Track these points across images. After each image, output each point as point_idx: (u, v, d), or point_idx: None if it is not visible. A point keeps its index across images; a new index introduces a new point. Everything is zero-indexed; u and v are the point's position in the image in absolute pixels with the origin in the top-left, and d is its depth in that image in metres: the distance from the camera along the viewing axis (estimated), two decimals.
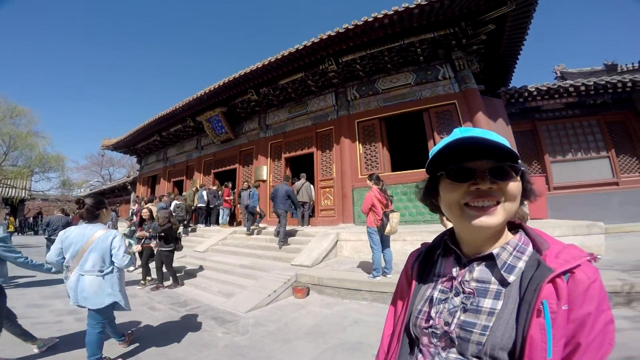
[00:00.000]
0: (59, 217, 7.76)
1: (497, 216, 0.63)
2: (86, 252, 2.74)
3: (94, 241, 2.76)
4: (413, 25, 7.37)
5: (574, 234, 5.46)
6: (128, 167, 35.36)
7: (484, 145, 0.62)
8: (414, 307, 0.76)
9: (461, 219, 0.67)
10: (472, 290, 0.67)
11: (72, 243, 2.76)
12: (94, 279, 2.73)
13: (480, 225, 0.64)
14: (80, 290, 2.70)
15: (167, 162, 16.43)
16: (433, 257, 0.80)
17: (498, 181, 0.63)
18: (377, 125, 8.87)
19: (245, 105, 11.61)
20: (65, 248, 2.77)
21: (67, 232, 2.82)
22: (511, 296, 0.62)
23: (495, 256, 0.66)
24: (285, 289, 5.21)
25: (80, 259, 2.73)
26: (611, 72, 11.26)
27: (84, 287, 2.70)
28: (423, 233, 6.05)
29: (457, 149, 0.64)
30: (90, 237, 2.77)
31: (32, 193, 26.68)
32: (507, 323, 0.60)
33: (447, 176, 0.68)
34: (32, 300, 5.11)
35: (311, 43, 8.03)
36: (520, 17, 7.10)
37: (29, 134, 18.82)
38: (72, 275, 2.73)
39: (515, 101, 9.11)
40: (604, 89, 8.36)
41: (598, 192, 8.43)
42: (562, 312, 0.56)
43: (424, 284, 0.78)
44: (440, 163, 0.69)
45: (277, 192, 7.55)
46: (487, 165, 0.64)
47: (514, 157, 0.63)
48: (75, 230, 2.82)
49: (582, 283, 0.57)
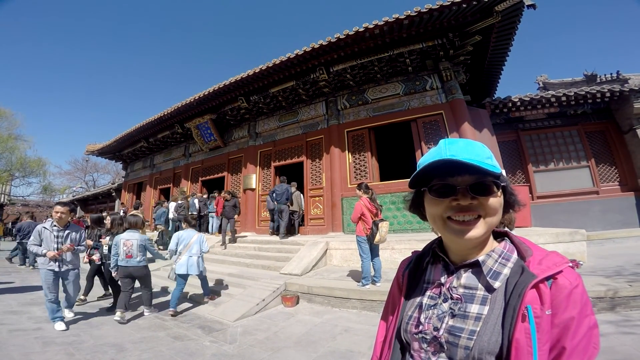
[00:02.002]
0: (29, 223, 8.20)
1: (478, 229, 0.66)
2: (192, 245, 5.06)
3: (195, 239, 5.14)
4: (402, 36, 7.54)
5: (557, 242, 5.59)
6: (113, 173, 34.58)
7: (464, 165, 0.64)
8: (405, 313, 0.78)
9: (444, 231, 0.70)
10: (460, 296, 0.69)
11: (183, 239, 5.12)
12: (196, 258, 5.03)
13: (461, 239, 0.67)
14: (190, 265, 4.93)
15: (153, 169, 16.15)
16: (422, 265, 0.82)
17: (478, 197, 0.65)
18: (366, 134, 8.96)
19: (235, 113, 11.57)
20: (179, 242, 5.08)
21: (179, 233, 5.21)
22: (497, 301, 0.64)
23: (481, 263, 0.69)
24: (275, 298, 5.16)
25: (189, 248, 5.02)
26: (591, 83, 11.65)
27: (192, 262, 4.96)
28: (412, 241, 6.10)
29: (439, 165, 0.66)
30: (193, 237, 5.15)
31: (11, 198, 25.86)
32: (494, 328, 0.62)
33: (429, 192, 0.70)
34: (9, 307, 4.95)
35: (303, 52, 8.11)
36: (505, 28, 7.35)
37: (10, 137, 18.30)
38: (183, 257, 4.97)
39: (499, 111, 9.36)
40: (583, 99, 8.66)
41: (579, 201, 8.68)
42: (546, 317, 0.58)
43: (414, 291, 0.80)
44: (424, 177, 0.71)
45: (279, 190, 8.44)
46: (468, 180, 0.66)
47: (495, 173, 0.65)
48: (184, 233, 5.23)
49: (565, 288, 0.59)
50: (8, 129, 18.53)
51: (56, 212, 4.25)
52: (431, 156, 0.69)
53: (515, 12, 6.81)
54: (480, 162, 0.64)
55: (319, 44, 7.81)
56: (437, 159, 0.66)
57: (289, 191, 8.65)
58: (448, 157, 0.65)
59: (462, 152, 0.66)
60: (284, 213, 8.46)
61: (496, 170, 0.65)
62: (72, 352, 3.35)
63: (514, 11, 6.76)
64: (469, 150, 0.66)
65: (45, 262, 4.05)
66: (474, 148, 0.68)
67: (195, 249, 5.04)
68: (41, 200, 28.03)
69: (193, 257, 4.98)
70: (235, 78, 9.47)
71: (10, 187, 24.01)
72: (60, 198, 30.22)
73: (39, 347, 3.46)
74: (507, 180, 0.70)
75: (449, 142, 0.69)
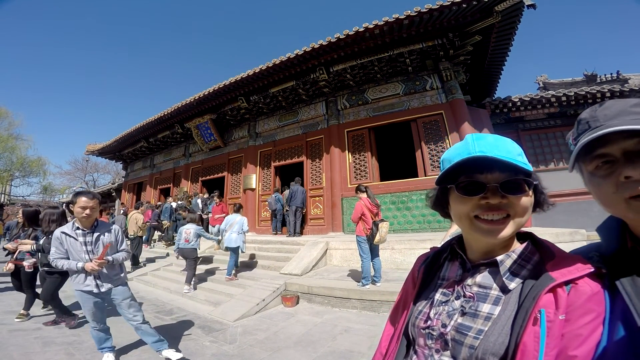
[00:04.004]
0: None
1: (506, 230, 0.63)
2: (234, 224, 6.34)
3: (237, 220, 6.41)
4: (402, 36, 7.55)
5: (558, 242, 5.56)
6: (113, 173, 34.50)
7: (495, 162, 0.61)
8: (415, 308, 0.77)
9: (470, 230, 0.68)
10: (473, 295, 0.67)
11: (229, 221, 6.46)
12: (236, 235, 6.22)
13: (490, 238, 0.65)
14: (229, 240, 6.18)
15: (153, 169, 16.18)
16: (439, 261, 0.81)
17: (509, 195, 0.62)
18: (366, 134, 8.97)
19: (235, 113, 11.59)
20: (227, 223, 6.46)
21: (228, 217, 6.64)
22: (510, 303, 0.62)
23: (499, 263, 0.66)
24: (274, 298, 5.16)
25: (232, 227, 6.30)
26: (591, 83, 11.68)
27: (233, 238, 6.17)
28: (412, 241, 6.10)
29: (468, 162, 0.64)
30: (236, 218, 6.44)
31: (11, 198, 25.87)
32: (502, 329, 0.60)
33: (456, 189, 0.67)
34: (9, 307, 4.94)
35: (303, 52, 8.12)
36: (505, 28, 7.37)
37: (10, 137, 18.31)
38: (228, 234, 6.24)
39: (499, 111, 9.36)
40: (584, 99, 8.68)
41: (579, 201, 8.66)
42: (558, 322, 0.55)
43: (428, 287, 0.79)
44: (450, 174, 0.68)
45: (296, 191, 8.85)
46: (498, 178, 0.63)
47: (527, 171, 0.63)
48: (231, 216, 6.61)
49: (584, 294, 0.56)
50: (7, 129, 18.55)
51: (82, 207, 2.86)
52: (458, 152, 0.67)
53: (515, 12, 6.82)
54: (512, 159, 0.61)
55: (319, 44, 7.82)
56: (466, 156, 0.63)
57: (304, 193, 9.04)
58: (477, 154, 0.62)
59: (491, 148, 0.63)
60: (297, 213, 8.86)
61: (528, 168, 0.63)
62: (72, 352, 3.34)
63: (514, 11, 6.77)
64: (499, 146, 0.64)
65: (81, 281, 2.90)
66: (505, 144, 0.65)
67: (236, 228, 6.33)
68: (41, 200, 28.00)
69: (234, 234, 6.25)
70: (235, 78, 9.48)
71: (10, 187, 24.02)
72: (60, 198, 30.18)
73: (39, 347, 3.46)
74: (539, 179, 0.68)
75: (476, 137, 0.67)
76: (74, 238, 2.90)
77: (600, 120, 0.58)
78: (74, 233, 2.91)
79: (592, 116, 0.60)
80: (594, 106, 0.62)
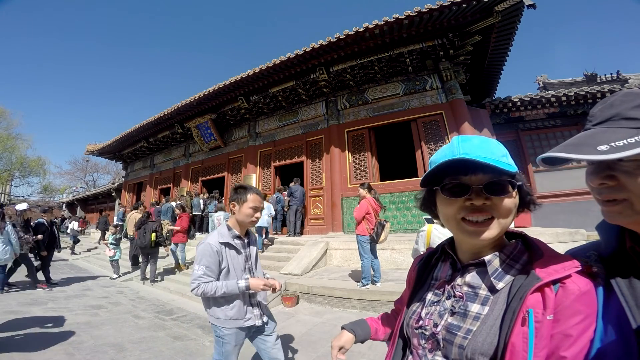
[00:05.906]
0: None
1: (490, 231, 0.64)
2: (264, 209, 6.30)
3: (264, 205, 6.11)
4: (402, 36, 7.54)
5: (557, 242, 5.59)
6: (113, 173, 34.63)
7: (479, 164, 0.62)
8: (410, 308, 0.78)
9: (457, 231, 0.69)
10: (462, 295, 0.68)
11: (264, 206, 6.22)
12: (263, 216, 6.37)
13: (474, 240, 0.65)
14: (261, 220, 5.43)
15: (153, 169, 16.18)
16: (432, 262, 0.83)
17: (492, 197, 0.63)
18: (366, 134, 8.97)
19: (235, 113, 11.59)
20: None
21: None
22: (498, 303, 0.63)
23: (487, 263, 0.67)
24: (274, 298, 5.15)
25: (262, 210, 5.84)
26: (591, 83, 11.68)
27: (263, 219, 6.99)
28: (412, 242, 6.07)
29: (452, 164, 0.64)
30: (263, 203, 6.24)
31: (11, 198, 25.86)
32: (490, 329, 0.60)
33: (442, 191, 0.68)
34: (9, 307, 4.93)
35: (303, 52, 8.11)
36: (505, 28, 7.37)
37: (9, 137, 18.30)
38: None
39: (499, 111, 9.35)
40: (584, 99, 8.67)
41: (579, 201, 8.66)
42: (547, 322, 0.55)
43: (422, 287, 0.80)
44: (436, 175, 0.68)
45: (296, 191, 8.90)
46: (482, 180, 0.63)
47: (511, 172, 0.63)
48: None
49: (572, 294, 0.56)
50: (6, 128, 18.55)
51: (253, 208, 1.98)
52: (443, 154, 0.67)
53: (515, 12, 6.82)
54: (495, 161, 0.61)
55: (319, 44, 7.82)
56: (450, 158, 0.63)
57: (304, 193, 9.11)
58: (461, 155, 0.62)
59: (476, 150, 0.63)
60: (298, 212, 8.98)
61: (512, 169, 0.62)
62: (72, 352, 3.34)
63: (514, 11, 6.77)
64: (483, 148, 0.64)
65: (240, 314, 1.98)
66: (489, 145, 0.65)
67: (265, 211, 7.51)
68: (41, 200, 28.02)
69: (265, 216, 7.36)
70: (235, 78, 9.48)
71: (10, 187, 24.02)
72: (60, 198, 30.18)
73: (39, 347, 3.46)
74: (523, 179, 0.67)
75: (462, 139, 0.67)
76: (235, 250, 2.02)
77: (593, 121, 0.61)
78: (235, 243, 2.02)
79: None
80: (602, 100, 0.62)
